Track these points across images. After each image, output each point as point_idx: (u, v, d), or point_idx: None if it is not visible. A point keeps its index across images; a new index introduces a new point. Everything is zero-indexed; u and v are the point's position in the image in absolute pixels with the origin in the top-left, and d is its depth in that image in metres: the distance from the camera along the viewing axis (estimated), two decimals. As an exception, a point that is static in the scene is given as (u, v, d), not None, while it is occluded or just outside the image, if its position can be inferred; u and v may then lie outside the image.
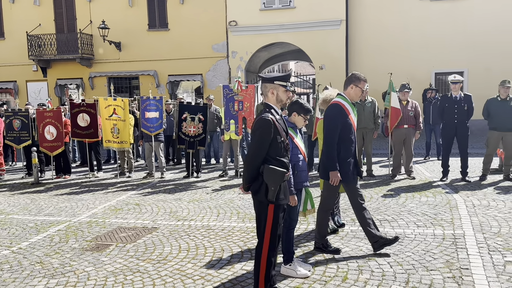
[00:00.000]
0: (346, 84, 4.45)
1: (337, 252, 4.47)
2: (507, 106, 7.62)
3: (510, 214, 5.55)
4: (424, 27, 16.66)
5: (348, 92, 4.43)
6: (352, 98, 4.43)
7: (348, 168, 4.40)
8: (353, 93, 4.41)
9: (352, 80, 4.39)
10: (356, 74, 4.42)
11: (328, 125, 4.36)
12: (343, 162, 4.36)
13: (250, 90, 8.95)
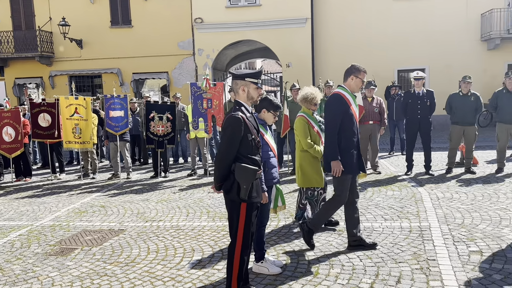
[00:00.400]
0: (346, 76, 4.38)
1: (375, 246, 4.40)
2: (468, 101, 7.89)
3: (473, 206, 5.75)
4: (387, 26, 17.08)
5: (348, 84, 4.36)
6: (353, 89, 4.37)
7: (351, 159, 4.28)
8: (353, 84, 4.34)
9: (352, 71, 4.33)
10: (356, 65, 4.35)
11: (328, 115, 4.30)
12: (345, 153, 4.25)
13: (219, 87, 8.87)
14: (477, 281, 3.55)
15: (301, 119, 5.08)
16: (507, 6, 16.52)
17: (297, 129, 5.09)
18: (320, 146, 5.06)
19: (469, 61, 16.60)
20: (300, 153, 5.13)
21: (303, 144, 5.02)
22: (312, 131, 5.05)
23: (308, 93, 5.02)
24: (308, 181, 5.12)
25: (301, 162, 5.12)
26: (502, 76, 17.04)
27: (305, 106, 5.08)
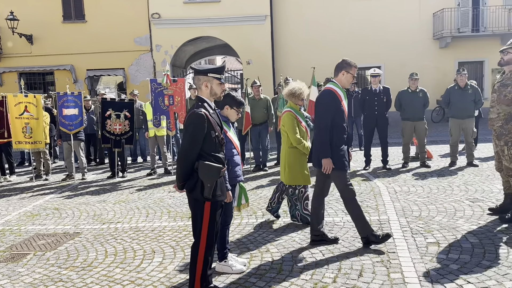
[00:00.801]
0: (337, 71, 4.32)
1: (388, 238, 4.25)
2: (416, 97, 8.17)
3: (428, 199, 5.94)
4: (344, 24, 17.44)
5: (339, 79, 4.31)
6: (344, 84, 4.32)
7: (342, 156, 4.23)
8: (344, 79, 4.30)
9: (344, 67, 4.28)
10: (347, 60, 4.30)
11: (320, 111, 4.24)
12: (336, 150, 4.20)
13: (180, 84, 8.68)
14: (435, 271, 3.65)
15: (289, 114, 4.99)
16: (457, 6, 17.27)
17: (285, 124, 4.98)
18: (308, 142, 5.03)
19: (422, 59, 17.24)
20: (288, 149, 5.03)
21: (292, 140, 4.93)
22: (300, 127, 4.98)
23: (295, 87, 4.94)
24: (294, 178, 5.02)
25: (288, 159, 5.02)
26: (453, 73, 17.81)
27: (292, 101, 5.00)
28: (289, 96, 4.97)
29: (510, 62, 4.75)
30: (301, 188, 5.08)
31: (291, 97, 4.95)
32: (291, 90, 4.92)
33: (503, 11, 16.98)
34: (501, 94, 4.73)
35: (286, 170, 5.02)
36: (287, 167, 5.01)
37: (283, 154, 5.10)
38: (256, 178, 7.96)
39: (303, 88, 4.94)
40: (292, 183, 5.04)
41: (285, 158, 5.04)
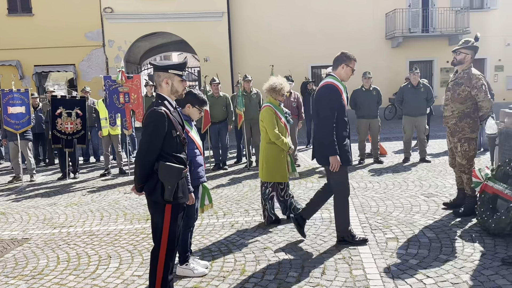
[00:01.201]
0: (336, 64, 4.21)
1: (364, 243, 4.23)
2: (370, 95, 8.37)
3: (385, 194, 6.08)
4: (301, 23, 17.61)
5: (338, 72, 4.19)
6: (343, 78, 4.20)
7: (346, 151, 4.15)
8: (344, 73, 4.18)
9: (343, 60, 4.17)
10: (347, 53, 4.19)
11: (325, 107, 4.07)
12: (341, 146, 4.10)
13: (136, 80, 8.37)
14: (395, 267, 3.71)
15: (268, 109, 4.90)
16: (408, 7, 17.89)
17: (264, 119, 4.89)
18: (287, 138, 4.96)
19: (375, 58, 17.72)
20: (266, 145, 4.95)
21: (270, 135, 4.84)
22: (279, 123, 4.90)
23: (276, 83, 4.87)
24: (271, 175, 4.93)
25: (266, 155, 4.93)
26: (404, 72, 18.50)
27: (272, 96, 4.93)
28: (269, 91, 4.91)
29: (463, 61, 4.91)
30: (269, 187, 4.98)
31: (271, 92, 4.89)
32: (272, 85, 4.87)
33: (451, 12, 17.78)
34: (455, 93, 4.90)
35: (264, 166, 4.95)
36: (265, 163, 4.94)
37: (262, 150, 5.03)
38: (216, 177, 7.85)
39: (283, 84, 4.88)
40: (270, 179, 4.95)
41: (263, 154, 4.98)
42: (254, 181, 7.35)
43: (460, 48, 4.93)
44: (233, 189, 6.88)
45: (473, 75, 4.80)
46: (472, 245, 4.06)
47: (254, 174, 7.95)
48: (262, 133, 4.96)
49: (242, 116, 8.25)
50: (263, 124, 4.88)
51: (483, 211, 4.42)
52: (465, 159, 4.88)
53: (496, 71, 18.62)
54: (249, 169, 8.45)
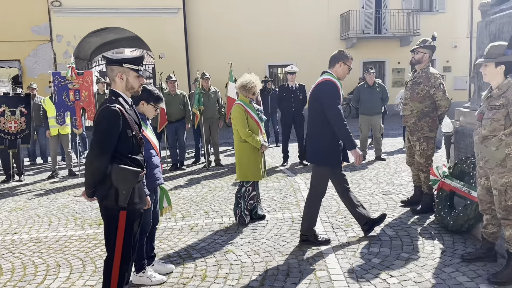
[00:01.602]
0: (334, 62, 4.14)
1: (327, 243, 4.21)
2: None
3: (345, 192, 6.10)
4: (258, 22, 17.55)
5: (335, 70, 4.13)
6: (340, 76, 4.14)
7: (340, 152, 4.16)
8: (341, 71, 4.13)
9: (341, 58, 4.12)
10: (344, 51, 4.17)
11: (332, 104, 3.95)
12: (337, 146, 4.09)
13: (87, 77, 7.92)
14: (359, 267, 3.69)
15: (238, 107, 4.78)
16: (362, 8, 18.30)
17: (234, 118, 4.78)
18: (259, 136, 4.81)
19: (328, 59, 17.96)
20: (238, 144, 4.83)
21: (241, 134, 4.73)
22: (251, 120, 4.78)
23: (247, 80, 4.75)
24: (244, 174, 4.81)
25: (239, 153, 4.83)
26: (358, 72, 18.95)
27: (243, 94, 4.81)
28: (240, 89, 4.80)
29: (421, 60, 4.97)
30: (248, 186, 4.85)
31: (242, 90, 4.78)
32: (243, 83, 4.76)
33: (402, 14, 18.38)
34: (414, 92, 4.96)
35: (237, 165, 4.86)
36: (238, 161, 4.85)
37: (235, 149, 4.95)
38: (173, 178, 7.59)
39: (255, 82, 4.77)
40: (242, 178, 4.84)
41: (237, 152, 4.89)
42: (213, 181, 7.17)
43: (418, 48, 5.00)
44: (191, 190, 6.67)
45: (432, 74, 4.88)
46: (432, 242, 4.12)
47: (213, 174, 7.77)
48: (235, 131, 4.87)
49: (199, 114, 8.04)
50: (234, 122, 4.79)
51: (441, 208, 4.51)
52: (424, 157, 4.96)
53: (444, 72, 19.47)
54: (208, 169, 8.26)
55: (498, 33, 4.32)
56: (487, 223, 3.46)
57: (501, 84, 3.15)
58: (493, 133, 3.16)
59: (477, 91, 4.82)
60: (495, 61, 3.11)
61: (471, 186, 4.09)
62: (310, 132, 4.24)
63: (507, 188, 3.13)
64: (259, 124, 4.85)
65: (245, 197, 4.84)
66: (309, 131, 4.28)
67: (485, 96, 3.29)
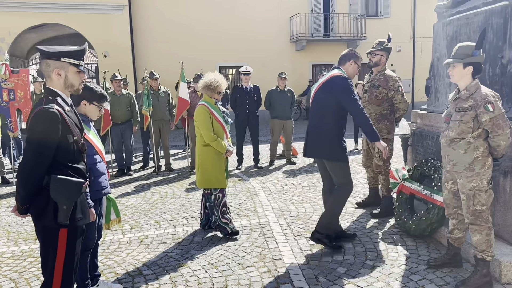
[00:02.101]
0: (345, 60, 4.08)
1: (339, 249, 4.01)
2: (285, 96, 8.29)
3: (302, 197, 5.93)
4: (208, 21, 17.17)
5: (346, 68, 4.06)
6: (350, 74, 4.06)
7: (345, 147, 4.00)
8: (351, 69, 4.08)
9: (352, 56, 4.07)
10: (354, 51, 4.14)
11: (351, 98, 3.82)
12: (342, 142, 3.94)
13: (23, 75, 7.18)
14: (324, 277, 3.48)
15: (202, 108, 4.37)
16: (311, 11, 18.45)
17: (197, 120, 4.37)
18: (225, 140, 4.44)
19: (281, 60, 18.00)
20: (201, 148, 4.41)
21: (205, 137, 4.33)
22: (216, 123, 4.38)
23: (211, 79, 4.37)
24: (207, 181, 4.41)
25: (201, 158, 4.41)
26: (308, 75, 19.12)
27: (207, 94, 4.42)
28: (204, 89, 4.42)
29: (379, 63, 4.91)
30: (218, 193, 4.47)
31: (206, 89, 4.41)
32: (207, 82, 4.39)
33: (349, 19, 18.74)
34: (372, 95, 4.88)
35: (199, 171, 4.45)
36: (200, 167, 4.44)
37: (197, 154, 4.52)
38: (119, 185, 7.06)
39: (220, 81, 4.41)
40: (205, 186, 4.45)
41: (199, 157, 4.47)
42: (164, 187, 6.74)
43: (376, 50, 4.93)
44: (140, 197, 6.21)
45: (390, 77, 4.83)
46: (395, 248, 4.01)
47: (163, 179, 7.33)
48: (197, 134, 4.48)
49: (149, 116, 7.56)
50: (197, 124, 4.41)
51: (402, 212, 4.43)
52: (382, 160, 4.88)
53: (389, 75, 20.08)
54: (158, 174, 7.79)
55: (456, 35, 4.31)
56: (453, 228, 3.39)
57: (469, 85, 3.07)
58: (461, 135, 3.07)
59: (434, 93, 4.81)
60: (463, 61, 3.02)
61: (433, 190, 4.03)
62: (320, 126, 3.98)
63: (476, 192, 3.05)
64: (225, 127, 4.52)
65: (217, 206, 4.47)
66: (318, 126, 4.01)
67: (452, 98, 3.21)
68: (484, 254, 3.09)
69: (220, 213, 4.45)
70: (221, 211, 4.45)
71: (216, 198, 4.45)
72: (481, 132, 3.02)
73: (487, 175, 3.04)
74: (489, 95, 2.96)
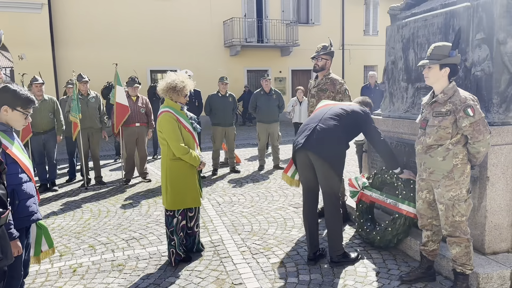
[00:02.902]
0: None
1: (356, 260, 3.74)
2: (227, 101, 7.91)
3: (254, 208, 5.54)
4: (137, 24, 16.36)
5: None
6: None
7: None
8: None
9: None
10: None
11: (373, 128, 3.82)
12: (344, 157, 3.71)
13: None
14: (295, 302, 3.12)
15: (167, 116, 3.68)
16: (244, 17, 18.26)
17: (163, 129, 3.67)
18: (196, 150, 3.82)
19: (216, 65, 17.57)
20: (170, 163, 3.73)
21: (175, 150, 3.66)
22: (184, 132, 3.73)
23: (175, 80, 3.71)
24: (180, 201, 3.76)
25: (171, 175, 3.72)
26: (242, 80, 18.88)
27: (172, 98, 3.73)
28: (168, 92, 3.74)
29: (324, 67, 4.90)
30: (178, 216, 3.85)
31: (171, 92, 3.74)
32: (171, 84, 3.72)
33: (282, 25, 18.83)
34: (320, 99, 4.74)
35: (169, 190, 3.76)
36: (170, 186, 3.75)
37: (164, 170, 3.82)
38: (43, 203, 6.15)
39: (186, 81, 3.77)
40: (178, 206, 3.79)
41: (166, 174, 3.78)
42: (96, 204, 6.00)
43: (321, 55, 4.84)
44: (69, 217, 5.43)
45: (336, 80, 4.86)
46: (362, 262, 3.75)
47: (95, 195, 6.55)
48: (163, 147, 3.80)
49: (78, 124, 6.73)
50: (162, 135, 3.74)
51: (363, 222, 4.21)
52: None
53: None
54: (87, 188, 6.96)
55: (413, 37, 4.20)
56: (427, 240, 3.19)
57: (446, 88, 2.88)
58: (439, 142, 2.87)
59: (389, 98, 4.69)
60: (439, 62, 2.83)
61: (398, 198, 3.84)
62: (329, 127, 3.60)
63: (455, 202, 2.87)
64: (194, 136, 3.96)
65: (178, 230, 3.87)
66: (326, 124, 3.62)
67: (427, 102, 3.01)
68: (464, 267, 2.92)
69: (179, 238, 3.87)
70: (179, 237, 3.87)
71: (178, 221, 3.85)
72: (460, 138, 2.85)
73: (466, 184, 2.87)
74: (468, 98, 2.79)
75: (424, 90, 4.06)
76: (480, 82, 3.40)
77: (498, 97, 3.32)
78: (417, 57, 4.15)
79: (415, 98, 4.22)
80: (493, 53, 3.31)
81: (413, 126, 4.08)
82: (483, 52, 3.35)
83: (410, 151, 4.00)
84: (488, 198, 3.23)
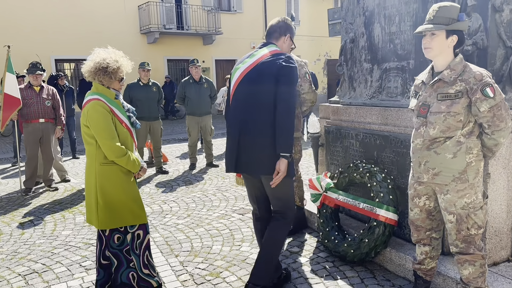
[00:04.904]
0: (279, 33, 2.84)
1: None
2: (150, 91, 6.92)
3: (191, 218, 4.61)
4: (37, 7, 14.25)
5: (280, 44, 2.85)
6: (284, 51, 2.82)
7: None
8: (286, 46, 2.87)
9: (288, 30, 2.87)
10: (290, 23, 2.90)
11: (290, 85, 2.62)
12: None
13: None
14: None
15: (97, 105, 2.63)
16: (161, 1, 16.85)
17: (92, 124, 2.62)
18: (134, 152, 2.80)
19: (131, 54, 15.72)
20: (100, 168, 2.68)
21: (108, 151, 2.62)
22: (120, 127, 2.69)
23: (106, 59, 2.67)
24: (117, 218, 2.70)
25: (102, 184, 2.66)
26: (163, 70, 17.53)
27: (103, 82, 2.70)
28: (97, 74, 2.69)
29: None
30: (137, 231, 2.82)
31: (101, 74, 2.69)
32: (100, 63, 2.68)
33: (203, 12, 17.74)
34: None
35: (100, 204, 2.68)
36: (101, 199, 2.68)
37: (90, 178, 2.73)
38: None
39: (120, 60, 2.75)
40: (115, 225, 2.72)
41: (96, 183, 2.69)
42: (-17, 225, 4.65)
43: None
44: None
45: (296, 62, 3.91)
46: (336, 283, 3.04)
47: (-18, 211, 5.15)
48: (90, 147, 2.71)
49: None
50: (89, 131, 2.67)
51: (329, 231, 3.51)
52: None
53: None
54: None
55: (378, 9, 3.56)
56: (424, 257, 2.54)
57: (452, 62, 2.22)
58: (447, 133, 2.21)
59: (348, 82, 4.02)
60: (448, 28, 2.15)
61: (374, 202, 3.18)
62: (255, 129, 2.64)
63: (470, 211, 2.23)
64: (132, 133, 2.86)
65: (137, 249, 2.83)
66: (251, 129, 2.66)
67: (427, 81, 2.33)
68: (479, 291, 2.31)
69: (142, 260, 2.86)
70: (143, 257, 2.86)
71: (135, 237, 2.83)
72: (473, 127, 2.21)
73: (480, 186, 2.25)
74: (484, 75, 2.15)
75: (395, 71, 3.43)
76: (471, 59, 2.81)
77: (493, 76, 2.76)
78: (384, 32, 3.51)
79: (382, 82, 3.58)
80: (488, 23, 2.74)
81: (385, 114, 3.45)
82: (475, 22, 2.77)
83: (382, 143, 3.36)
84: (490, 199, 2.68)
